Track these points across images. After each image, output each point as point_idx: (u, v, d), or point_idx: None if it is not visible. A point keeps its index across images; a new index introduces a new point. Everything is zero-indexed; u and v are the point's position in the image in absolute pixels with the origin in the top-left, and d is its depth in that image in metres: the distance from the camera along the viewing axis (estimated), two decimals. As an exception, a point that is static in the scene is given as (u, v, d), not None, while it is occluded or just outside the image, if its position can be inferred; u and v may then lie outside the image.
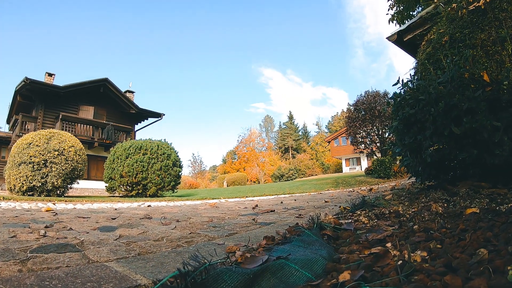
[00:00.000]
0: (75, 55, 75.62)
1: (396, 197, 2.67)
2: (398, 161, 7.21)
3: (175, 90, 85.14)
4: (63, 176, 7.65)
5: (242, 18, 76.77)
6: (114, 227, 2.06)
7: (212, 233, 1.79)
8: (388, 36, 4.98)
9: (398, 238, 1.12)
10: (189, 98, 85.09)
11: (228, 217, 2.66)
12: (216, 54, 79.38)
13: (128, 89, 18.83)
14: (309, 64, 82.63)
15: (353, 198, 3.13)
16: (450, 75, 2.27)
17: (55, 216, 2.74)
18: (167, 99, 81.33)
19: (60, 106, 14.87)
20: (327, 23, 77.43)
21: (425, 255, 0.87)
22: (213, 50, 78.69)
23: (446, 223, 1.25)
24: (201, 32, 76.51)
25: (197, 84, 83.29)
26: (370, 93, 15.20)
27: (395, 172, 12.06)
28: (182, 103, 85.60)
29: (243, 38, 79.06)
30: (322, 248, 1.08)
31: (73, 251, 1.29)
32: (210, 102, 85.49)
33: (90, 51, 76.55)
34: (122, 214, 3.07)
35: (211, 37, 77.07)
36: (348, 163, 33.40)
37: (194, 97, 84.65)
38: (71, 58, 75.72)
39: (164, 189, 9.00)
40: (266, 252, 1.12)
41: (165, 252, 1.29)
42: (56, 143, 7.70)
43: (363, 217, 1.66)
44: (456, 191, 2.08)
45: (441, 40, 2.85)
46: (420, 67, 3.04)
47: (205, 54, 78.17)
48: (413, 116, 2.43)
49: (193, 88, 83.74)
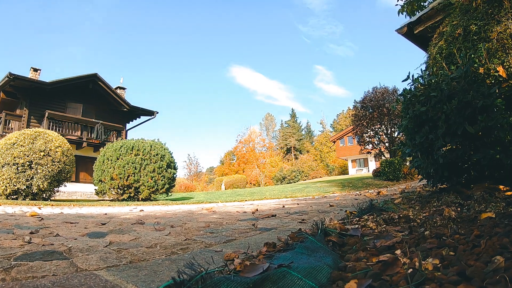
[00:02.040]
0: (63, 50, 75.85)
1: (406, 200, 2.67)
2: (408, 162, 7.20)
3: (169, 89, 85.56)
4: (49, 179, 7.64)
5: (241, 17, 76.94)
6: (104, 233, 2.06)
7: (209, 239, 1.79)
8: (397, 29, 4.98)
9: (408, 244, 1.12)
10: (184, 97, 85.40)
11: (226, 222, 2.66)
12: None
13: (119, 85, 18.83)
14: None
15: (360, 202, 3.13)
16: (464, 70, 2.27)
17: (41, 221, 2.74)
18: (161, 99, 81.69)
19: (46, 103, 14.86)
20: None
21: (437, 263, 0.87)
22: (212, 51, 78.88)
23: (459, 229, 1.25)
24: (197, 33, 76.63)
25: (193, 83, 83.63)
26: (378, 90, 15.20)
27: (405, 174, 12.06)
28: (177, 103, 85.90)
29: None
30: (327, 255, 1.08)
31: (60, 258, 1.28)
32: (207, 101, 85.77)
33: (79, 47, 76.77)
34: (113, 219, 3.07)
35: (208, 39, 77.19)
36: (354, 164, 33.41)
37: (190, 96, 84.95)
38: (58, 53, 75.92)
39: (158, 193, 9.00)
40: (266, 259, 1.12)
41: (158, 260, 1.29)
42: (42, 143, 7.70)
43: (370, 222, 1.66)
44: (470, 194, 2.08)
45: (454, 32, 2.86)
46: (432, 62, 3.04)
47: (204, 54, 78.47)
48: (424, 114, 2.43)
49: (189, 87, 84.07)
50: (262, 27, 78.58)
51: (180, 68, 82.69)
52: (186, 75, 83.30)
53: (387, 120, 14.61)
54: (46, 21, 67.24)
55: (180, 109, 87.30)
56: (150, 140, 9.72)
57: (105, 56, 78.93)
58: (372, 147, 15.91)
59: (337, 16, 76.59)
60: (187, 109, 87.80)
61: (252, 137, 47.26)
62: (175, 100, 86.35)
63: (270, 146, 50.83)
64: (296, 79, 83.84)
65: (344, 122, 48.27)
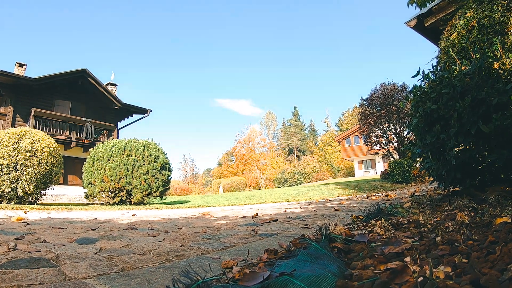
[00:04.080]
0: (51, 45, 75.88)
1: (416, 204, 2.67)
2: (418, 163, 7.20)
3: (164, 87, 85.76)
4: (36, 181, 7.65)
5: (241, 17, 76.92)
6: (94, 239, 2.06)
7: (206, 245, 1.79)
8: (406, 21, 4.98)
9: (418, 251, 1.12)
10: (179, 95, 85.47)
11: (224, 227, 2.67)
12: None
13: (110, 82, 18.85)
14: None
15: (367, 205, 3.14)
16: (478, 65, 2.26)
17: (26, 226, 2.75)
18: (154, 96, 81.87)
19: (33, 101, 14.86)
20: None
21: (449, 270, 0.87)
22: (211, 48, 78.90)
23: (473, 234, 1.25)
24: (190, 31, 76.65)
25: (189, 81, 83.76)
26: (386, 86, 15.18)
27: (414, 176, 12.06)
28: (172, 101, 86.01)
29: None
30: (331, 262, 1.08)
31: (47, 266, 1.29)
32: (204, 99, 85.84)
33: (68, 41, 76.80)
34: (103, 224, 3.07)
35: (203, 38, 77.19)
36: (361, 166, 33.43)
37: (185, 93, 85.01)
38: (46, 47, 75.95)
39: (151, 196, 9.01)
40: (267, 267, 1.12)
41: (152, 268, 1.29)
42: (28, 143, 7.70)
43: (378, 228, 1.66)
44: (484, 197, 2.08)
45: (467, 25, 2.86)
46: (443, 56, 3.04)
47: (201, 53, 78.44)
48: (435, 112, 2.43)
49: (184, 84, 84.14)
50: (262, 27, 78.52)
51: (175, 64, 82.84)
52: (180, 72, 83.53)
53: (396, 119, 14.60)
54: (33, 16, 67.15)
55: (175, 107, 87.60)
56: (143, 140, 9.73)
57: (95, 50, 78.99)
58: (380, 148, 15.89)
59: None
60: (183, 108, 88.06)
61: (252, 137, 47.26)
62: (169, 97, 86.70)
63: (271, 146, 50.85)
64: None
65: (350, 120, 48.26)
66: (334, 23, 76.73)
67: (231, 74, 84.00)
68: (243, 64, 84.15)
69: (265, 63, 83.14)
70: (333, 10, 75.00)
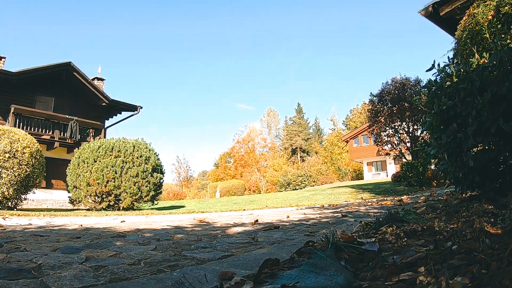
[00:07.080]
0: (34, 37, 75.90)
1: (431, 210, 2.67)
2: (433, 165, 7.18)
3: (155, 82, 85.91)
4: (15, 184, 7.65)
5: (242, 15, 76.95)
6: (79, 247, 2.06)
7: (201, 254, 1.80)
8: (420, 10, 4.98)
9: (433, 261, 1.12)
10: (173, 92, 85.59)
11: (221, 235, 2.67)
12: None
13: (97, 76, 18.83)
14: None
15: (376, 211, 3.14)
16: (498, 58, 2.26)
17: (5, 233, 2.75)
18: (145, 93, 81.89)
19: (12, 97, 14.85)
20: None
21: (467, 282, 0.87)
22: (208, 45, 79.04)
23: (493, 243, 1.25)
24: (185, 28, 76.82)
25: (184, 79, 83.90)
26: (398, 81, 15.18)
27: (429, 179, 12.04)
28: (165, 98, 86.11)
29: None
30: (338, 273, 1.08)
31: (28, 277, 1.29)
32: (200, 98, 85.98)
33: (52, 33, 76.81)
34: (89, 231, 3.08)
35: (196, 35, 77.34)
36: (370, 168, 33.45)
37: (179, 90, 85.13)
38: (28, 39, 75.95)
39: (142, 201, 9.00)
40: (268, 278, 1.12)
41: (143, 279, 1.29)
42: (7, 143, 7.70)
43: (389, 235, 1.66)
44: (505, 202, 2.08)
45: (486, 14, 2.86)
46: (461, 48, 3.04)
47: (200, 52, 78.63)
48: (452, 109, 2.43)
49: (178, 83, 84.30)
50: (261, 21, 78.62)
51: (168, 59, 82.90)
52: (173, 67, 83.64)
53: (409, 116, 14.58)
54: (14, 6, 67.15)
55: (168, 104, 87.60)
56: (133, 139, 9.73)
57: (82, 42, 79.06)
58: (391, 148, 15.90)
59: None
60: (176, 105, 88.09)
61: (251, 136, 47.32)
62: (162, 94, 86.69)
63: (272, 146, 50.91)
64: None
65: (358, 118, 48.23)
66: (343, 12, 76.71)
67: (231, 71, 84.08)
68: (242, 57, 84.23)
69: (265, 56, 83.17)
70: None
